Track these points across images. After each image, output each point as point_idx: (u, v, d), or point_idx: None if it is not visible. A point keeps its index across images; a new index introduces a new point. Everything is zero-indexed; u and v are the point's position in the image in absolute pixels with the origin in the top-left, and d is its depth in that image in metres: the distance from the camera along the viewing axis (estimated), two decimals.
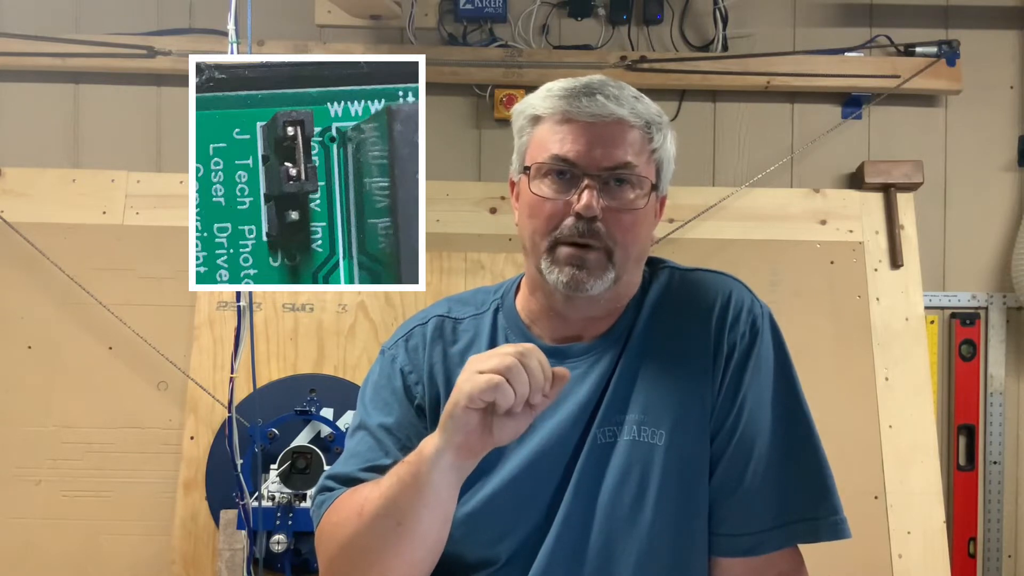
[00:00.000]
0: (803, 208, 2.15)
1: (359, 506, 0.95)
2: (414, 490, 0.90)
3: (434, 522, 0.92)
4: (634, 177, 1.00)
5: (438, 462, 0.89)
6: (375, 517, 0.93)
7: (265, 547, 1.73)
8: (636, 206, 1.00)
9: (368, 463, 1.02)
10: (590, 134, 0.99)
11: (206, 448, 1.92)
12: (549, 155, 1.00)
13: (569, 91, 1.01)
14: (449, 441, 0.89)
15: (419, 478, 0.90)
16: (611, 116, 0.99)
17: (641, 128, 1.01)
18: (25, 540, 1.91)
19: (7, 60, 2.13)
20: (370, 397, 1.10)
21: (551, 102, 1.01)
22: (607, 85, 1.01)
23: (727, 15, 2.22)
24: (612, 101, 0.99)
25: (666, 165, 1.05)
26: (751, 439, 1.00)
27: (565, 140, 0.99)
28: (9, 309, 2.02)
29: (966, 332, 2.21)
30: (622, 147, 0.99)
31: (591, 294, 1.00)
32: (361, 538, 0.94)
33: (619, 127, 0.99)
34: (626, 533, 0.99)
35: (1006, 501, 2.20)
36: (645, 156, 1.01)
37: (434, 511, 0.91)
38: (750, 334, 1.03)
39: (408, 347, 1.10)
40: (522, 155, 1.06)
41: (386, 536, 0.92)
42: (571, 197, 0.99)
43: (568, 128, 1.00)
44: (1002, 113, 2.26)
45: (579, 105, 0.99)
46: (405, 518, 0.91)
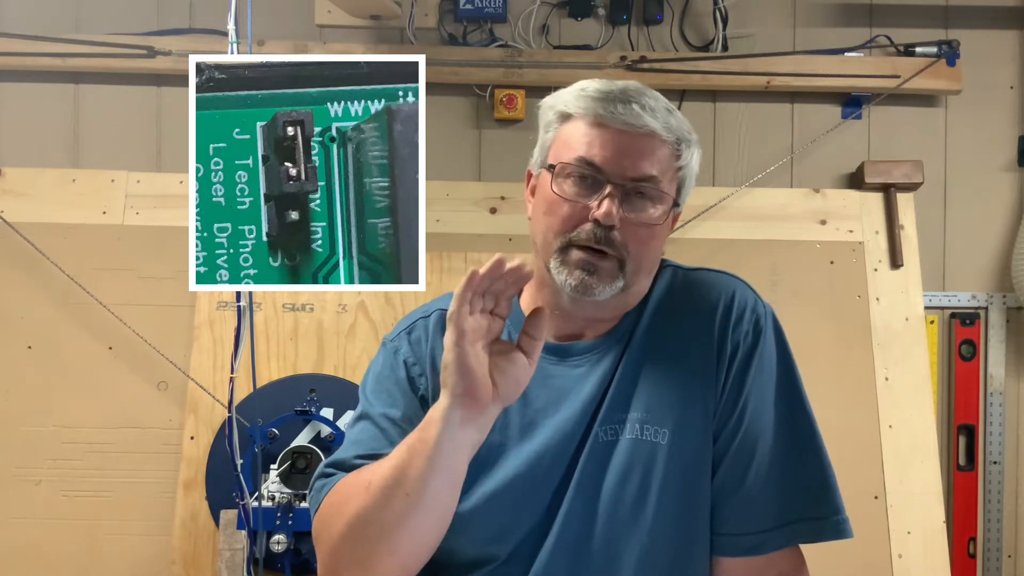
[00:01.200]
0: (803, 208, 2.15)
1: (366, 481, 0.94)
2: (423, 456, 0.90)
3: (443, 488, 0.91)
4: (657, 192, 1.00)
5: (448, 420, 0.89)
6: (383, 488, 0.91)
7: (265, 547, 1.72)
8: (655, 221, 1.00)
9: (370, 451, 1.01)
10: (620, 142, 0.98)
11: (206, 448, 1.92)
12: (576, 156, 0.99)
13: (605, 94, 0.99)
14: (453, 392, 0.89)
15: (427, 442, 0.90)
16: (644, 128, 0.98)
17: (671, 144, 1.00)
18: (25, 540, 1.91)
19: (7, 60, 2.13)
20: (372, 388, 1.09)
21: (585, 103, 1.00)
22: (644, 95, 1.00)
23: (727, 15, 2.22)
24: (648, 112, 0.98)
25: (688, 182, 1.05)
26: (754, 439, 1.00)
27: (594, 144, 0.98)
28: (9, 309, 2.02)
29: (966, 332, 2.21)
30: (650, 160, 0.98)
31: (598, 299, 1.00)
32: (369, 511, 0.92)
33: (650, 140, 0.99)
34: (628, 532, 0.99)
35: (1006, 501, 2.20)
36: (671, 172, 1.01)
37: (443, 476, 0.90)
38: (753, 334, 1.03)
39: (411, 339, 1.11)
40: (545, 151, 1.05)
41: (394, 507, 0.91)
42: (591, 202, 0.98)
43: (598, 132, 0.99)
44: (1002, 113, 2.26)
45: (613, 111, 0.98)
46: (414, 487, 0.90)
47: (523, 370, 0.91)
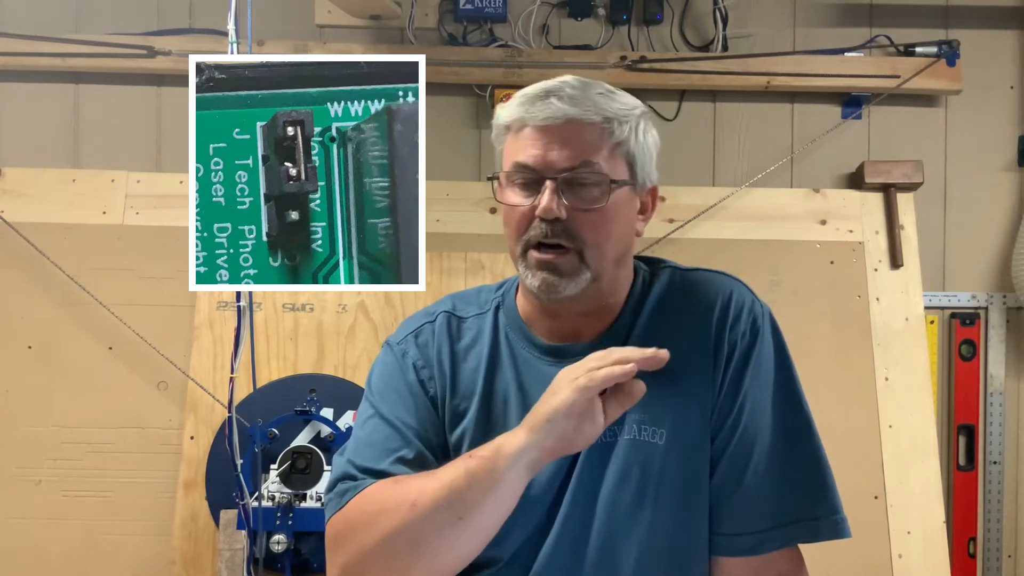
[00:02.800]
0: (803, 208, 2.15)
1: (411, 498, 0.94)
2: (487, 486, 0.91)
3: (497, 518, 0.93)
4: (594, 175, 1.00)
5: (520, 459, 0.91)
6: (435, 510, 0.92)
7: (265, 547, 1.72)
8: (599, 203, 1.00)
9: (393, 455, 1.01)
10: (545, 138, 0.99)
11: (206, 448, 1.92)
12: (512, 163, 1.02)
13: (529, 98, 1.01)
14: (540, 443, 0.91)
15: (494, 474, 0.91)
16: (562, 117, 0.99)
17: (598, 124, 1.00)
18: (25, 540, 1.91)
19: (7, 60, 2.13)
20: (381, 390, 1.09)
21: (511, 111, 1.02)
22: (566, 86, 1.01)
23: (727, 15, 2.22)
24: (565, 102, 0.99)
25: (640, 155, 1.04)
26: (751, 439, 1.00)
27: (525, 147, 1.00)
28: (9, 309, 2.02)
29: (966, 332, 2.21)
30: (577, 146, 0.99)
31: (566, 295, 1.01)
32: (413, 529, 0.93)
33: (573, 127, 0.99)
34: (626, 532, 0.99)
35: (1006, 501, 2.20)
36: (606, 151, 1.00)
37: (500, 507, 0.93)
38: (750, 334, 1.03)
39: (418, 343, 1.11)
40: (499, 165, 1.07)
41: (443, 530, 0.92)
42: (536, 201, 0.99)
43: (526, 134, 1.01)
44: (1002, 113, 2.26)
45: (532, 111, 0.99)
46: (469, 513, 0.91)
47: (596, 430, 0.92)
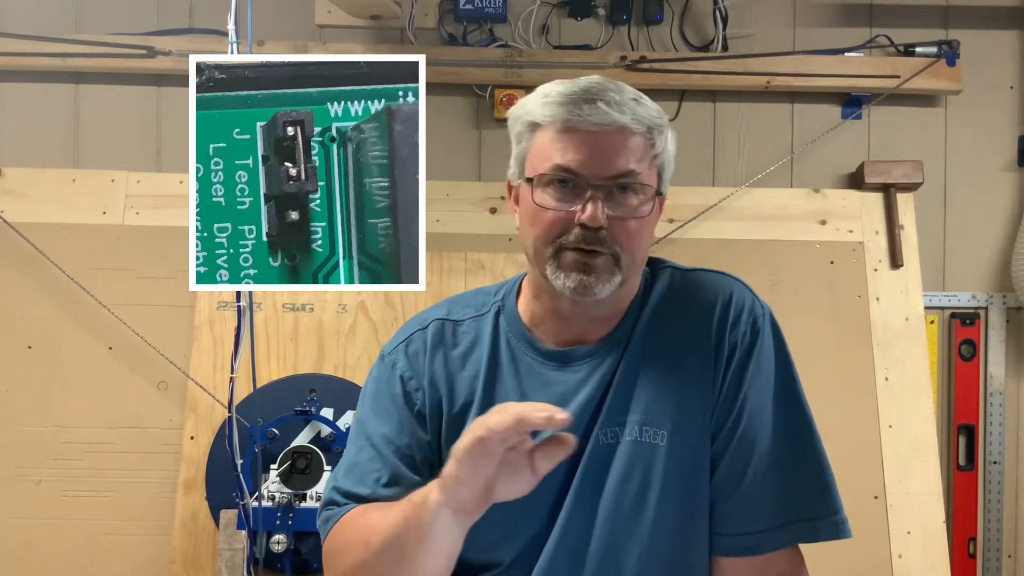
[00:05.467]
0: (803, 208, 2.15)
1: (366, 535, 0.97)
2: (417, 535, 0.91)
3: (437, 562, 0.93)
4: (637, 185, 0.99)
5: (440, 515, 0.90)
6: (380, 551, 0.94)
7: (265, 547, 1.72)
8: (641, 213, 0.99)
9: (373, 477, 1.04)
10: (592, 143, 0.97)
11: (206, 448, 1.92)
12: (551, 165, 0.98)
13: (569, 97, 0.98)
14: (448, 503, 0.89)
15: (422, 526, 0.91)
16: (613, 124, 0.97)
17: (643, 134, 0.99)
18: (25, 540, 1.91)
19: (7, 60, 2.13)
20: (371, 404, 1.10)
21: (551, 109, 0.99)
22: (607, 90, 0.99)
23: (727, 15, 2.22)
24: (614, 108, 0.97)
25: (667, 166, 1.04)
26: (752, 439, 1.00)
27: (567, 150, 0.98)
28: (9, 309, 2.02)
29: (966, 332, 2.21)
30: (625, 155, 0.98)
31: (598, 297, 1.00)
32: (367, 568, 0.96)
33: (621, 135, 0.98)
34: (628, 533, 0.99)
35: (1006, 501, 2.20)
36: (647, 162, 1.00)
37: (436, 555, 0.92)
38: (751, 334, 1.03)
39: (408, 352, 1.10)
40: (521, 162, 1.04)
41: (392, 569, 0.94)
42: (575, 207, 0.97)
43: (569, 137, 0.98)
44: (1002, 113, 2.26)
45: (580, 113, 0.97)
46: (407, 558, 0.92)
47: (525, 485, 0.90)
